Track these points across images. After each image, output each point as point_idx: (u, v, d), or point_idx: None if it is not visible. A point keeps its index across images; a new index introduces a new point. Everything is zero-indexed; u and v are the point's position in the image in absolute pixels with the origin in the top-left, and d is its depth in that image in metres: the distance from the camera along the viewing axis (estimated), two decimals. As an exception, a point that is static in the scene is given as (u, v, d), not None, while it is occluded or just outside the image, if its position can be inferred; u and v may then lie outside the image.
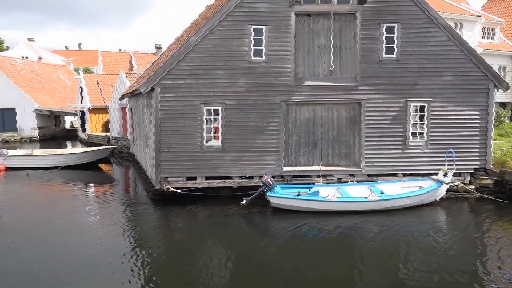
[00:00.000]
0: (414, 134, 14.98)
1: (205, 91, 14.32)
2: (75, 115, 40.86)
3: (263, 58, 14.39)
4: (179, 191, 14.15)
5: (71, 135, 42.61)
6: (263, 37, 14.33)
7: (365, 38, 14.56)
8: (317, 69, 14.80)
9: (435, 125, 14.96)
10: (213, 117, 14.50)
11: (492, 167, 15.11)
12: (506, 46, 30.36)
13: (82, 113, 36.78)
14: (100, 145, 28.78)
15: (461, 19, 27.64)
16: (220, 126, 14.50)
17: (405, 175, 14.95)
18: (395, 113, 14.85)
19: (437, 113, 14.92)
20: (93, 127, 34.87)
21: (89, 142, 33.44)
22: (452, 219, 13.15)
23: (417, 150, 15.00)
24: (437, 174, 14.42)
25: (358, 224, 12.08)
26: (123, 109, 28.04)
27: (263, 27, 14.30)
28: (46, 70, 48.26)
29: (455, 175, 14.54)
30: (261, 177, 13.81)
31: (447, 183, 13.95)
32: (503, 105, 29.00)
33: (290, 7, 14.29)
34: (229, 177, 14.65)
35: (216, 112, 14.47)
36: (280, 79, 14.50)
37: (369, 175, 14.98)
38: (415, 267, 9.16)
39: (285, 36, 14.38)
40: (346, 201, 13.07)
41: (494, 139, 16.04)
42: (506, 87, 15.07)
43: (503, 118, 25.13)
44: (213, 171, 14.58)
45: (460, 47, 14.71)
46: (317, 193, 13.43)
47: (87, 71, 54.96)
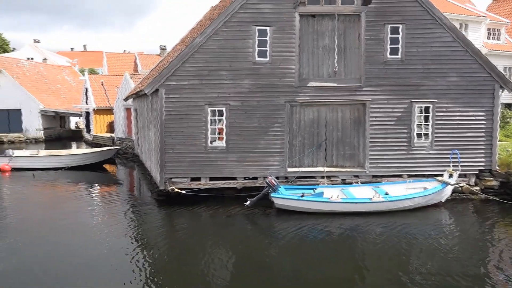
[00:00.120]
0: (419, 135, 14.93)
1: (210, 92, 14.34)
2: (80, 116, 41.04)
3: (268, 59, 14.39)
4: (184, 192, 14.18)
5: (76, 136, 42.78)
6: (268, 38, 14.33)
7: (370, 39, 14.53)
8: (321, 70, 14.79)
9: (440, 126, 14.90)
10: (217, 118, 14.52)
11: (497, 168, 15.03)
12: (511, 46, 30.20)
13: (87, 114, 36.94)
14: (105, 146, 28.88)
15: (466, 19, 27.53)
16: (224, 127, 14.52)
17: (409, 176, 14.89)
18: (399, 114, 14.81)
19: (442, 114, 14.86)
20: (98, 128, 35.01)
21: (94, 143, 33.56)
22: (457, 221, 13.10)
23: (422, 151, 14.95)
24: (442, 175, 14.36)
25: (362, 225, 12.05)
26: (128, 110, 28.12)
27: (268, 28, 14.31)
28: (51, 71, 48.52)
29: (460, 176, 14.49)
30: (265, 178, 13.80)
31: (452, 185, 13.90)
32: (508, 106, 28.82)
33: (294, 8, 14.29)
34: (234, 178, 14.66)
35: (220, 113, 14.48)
36: (284, 80, 14.50)
37: (374, 176, 14.94)
38: (418, 269, 9.12)
39: (290, 37, 14.38)
40: (350, 202, 13.05)
41: (499, 140, 15.95)
42: (511, 88, 15.00)
43: (508, 119, 24.99)
44: (217, 172, 14.60)
45: (465, 48, 14.65)
46: (321, 194, 13.41)
47: (92, 72, 55.17)
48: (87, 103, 36.04)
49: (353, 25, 14.67)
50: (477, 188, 14.96)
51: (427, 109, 14.84)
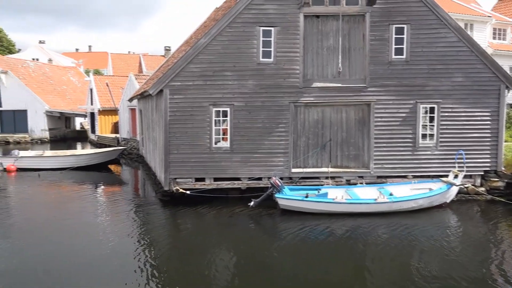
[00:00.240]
0: (424, 135, 14.87)
1: (214, 92, 14.36)
2: (85, 116, 41.24)
3: (272, 59, 14.39)
4: (188, 192, 14.20)
5: (81, 137, 42.98)
6: (272, 39, 14.33)
7: (374, 39, 14.50)
8: (325, 70, 14.77)
9: (445, 127, 14.84)
10: (221, 118, 14.53)
11: (503, 169, 14.95)
12: (517, 47, 30.05)
13: (92, 115, 37.11)
14: (109, 146, 28.99)
15: (472, 19, 27.43)
16: (228, 127, 14.53)
17: (414, 177, 14.84)
18: (404, 115, 14.76)
19: (447, 114, 14.80)
20: (103, 128, 35.15)
21: (98, 143, 33.71)
22: (461, 222, 13.02)
23: (427, 151, 14.90)
24: (447, 176, 14.29)
25: (366, 226, 12.01)
26: (133, 110, 28.21)
27: (272, 28, 14.31)
28: (56, 72, 48.78)
29: (466, 177, 14.42)
30: (269, 178, 13.81)
31: (457, 185, 13.83)
32: (514, 106, 28.65)
33: (298, 9, 14.28)
34: (238, 179, 14.67)
35: (224, 113, 14.50)
36: (288, 81, 14.49)
37: (378, 177, 14.90)
38: (421, 271, 9.04)
39: (294, 37, 14.38)
40: (355, 203, 13.02)
41: (505, 141, 15.86)
42: (517, 88, 14.92)
43: (514, 119, 24.82)
44: (221, 172, 14.61)
45: (470, 48, 14.59)
46: (325, 194, 13.39)
47: (97, 73, 55.39)
48: (92, 104, 36.20)
49: (357, 26, 14.64)
50: (483, 189, 14.89)
51: (432, 110, 14.78)
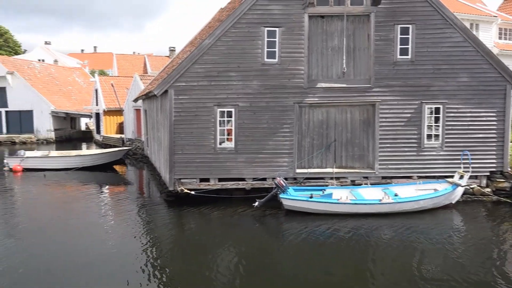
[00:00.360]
0: (429, 136, 14.81)
1: (219, 93, 14.37)
2: (90, 117, 41.40)
3: (276, 60, 14.39)
4: (193, 192, 14.22)
5: (87, 137, 43.15)
6: (276, 39, 14.33)
7: (379, 39, 14.46)
8: (330, 70, 14.75)
9: (450, 127, 14.77)
10: (226, 119, 14.54)
11: (509, 169, 14.86)
12: (523, 47, 29.86)
13: (97, 115, 37.25)
14: (114, 146, 29.10)
15: (477, 19, 27.30)
16: (233, 128, 14.54)
17: (419, 177, 14.79)
18: (409, 115, 14.71)
19: (452, 115, 14.73)
20: (108, 129, 35.27)
21: (104, 143, 33.83)
22: (467, 223, 12.95)
23: (432, 152, 14.83)
24: (452, 176, 14.23)
25: (371, 227, 11.97)
26: (138, 111, 28.29)
27: (277, 29, 14.31)
28: (62, 73, 49.01)
29: (471, 177, 14.35)
30: (274, 179, 13.80)
31: (462, 186, 13.76)
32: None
33: (303, 9, 14.27)
34: (242, 179, 14.67)
35: (229, 114, 14.51)
36: (293, 81, 14.48)
37: (383, 178, 14.86)
38: (425, 272, 9.00)
39: (299, 38, 14.36)
40: (359, 204, 12.99)
41: (511, 141, 15.77)
42: (523, 89, 14.82)
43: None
44: (226, 173, 14.62)
45: (476, 48, 14.52)
46: (330, 195, 13.37)
47: (102, 73, 55.64)
48: (97, 104, 36.33)
49: (362, 26, 14.61)
50: (488, 189, 14.81)
51: (437, 110, 14.72)
